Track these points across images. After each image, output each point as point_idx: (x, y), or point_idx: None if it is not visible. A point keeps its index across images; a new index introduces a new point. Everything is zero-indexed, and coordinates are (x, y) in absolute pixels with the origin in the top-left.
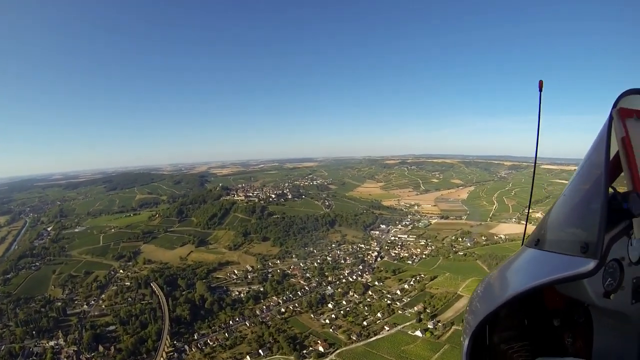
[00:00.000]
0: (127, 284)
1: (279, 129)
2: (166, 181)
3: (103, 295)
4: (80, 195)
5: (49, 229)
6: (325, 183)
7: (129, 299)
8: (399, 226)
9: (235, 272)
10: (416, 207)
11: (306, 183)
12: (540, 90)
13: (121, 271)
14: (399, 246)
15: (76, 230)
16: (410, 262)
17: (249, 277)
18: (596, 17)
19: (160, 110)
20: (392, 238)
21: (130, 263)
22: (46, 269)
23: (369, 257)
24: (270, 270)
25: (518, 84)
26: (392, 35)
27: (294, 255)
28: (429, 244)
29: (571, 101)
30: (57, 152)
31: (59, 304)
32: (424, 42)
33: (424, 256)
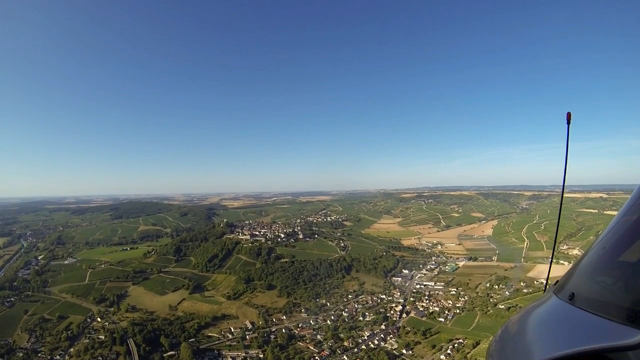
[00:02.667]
0: (101, 337)
1: (293, 162)
2: (173, 212)
3: (71, 349)
4: (85, 221)
5: (39, 257)
6: (340, 219)
7: (99, 357)
8: (424, 270)
9: (232, 329)
10: (439, 247)
11: (319, 219)
12: (569, 123)
13: (99, 319)
14: (426, 297)
15: (66, 262)
16: (442, 319)
17: (248, 337)
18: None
19: (176, 140)
20: (417, 286)
21: (112, 309)
22: (20, 306)
23: (392, 312)
24: (274, 329)
25: (530, 112)
26: (404, 64)
27: (303, 309)
28: (461, 293)
29: (590, 126)
30: (73, 176)
31: (20, 354)
32: (436, 72)
33: (457, 311)
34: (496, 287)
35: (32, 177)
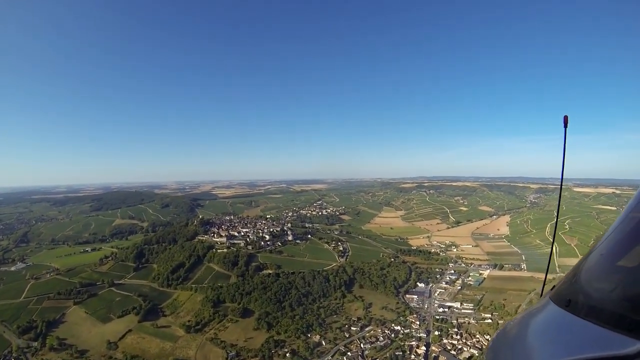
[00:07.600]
0: None
1: (289, 150)
2: (154, 204)
3: None
4: (62, 214)
5: None
6: (337, 212)
7: None
8: (443, 283)
9: None
10: (454, 249)
11: (314, 212)
12: (566, 126)
13: None
14: (454, 328)
15: (12, 269)
16: None
17: None
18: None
19: (173, 127)
20: (440, 309)
21: (36, 344)
22: None
23: (413, 356)
24: None
25: (529, 103)
26: (400, 50)
27: (288, 352)
28: (499, 323)
29: (592, 119)
30: (69, 164)
31: None
32: (433, 63)
33: None
34: None
35: (29, 166)
